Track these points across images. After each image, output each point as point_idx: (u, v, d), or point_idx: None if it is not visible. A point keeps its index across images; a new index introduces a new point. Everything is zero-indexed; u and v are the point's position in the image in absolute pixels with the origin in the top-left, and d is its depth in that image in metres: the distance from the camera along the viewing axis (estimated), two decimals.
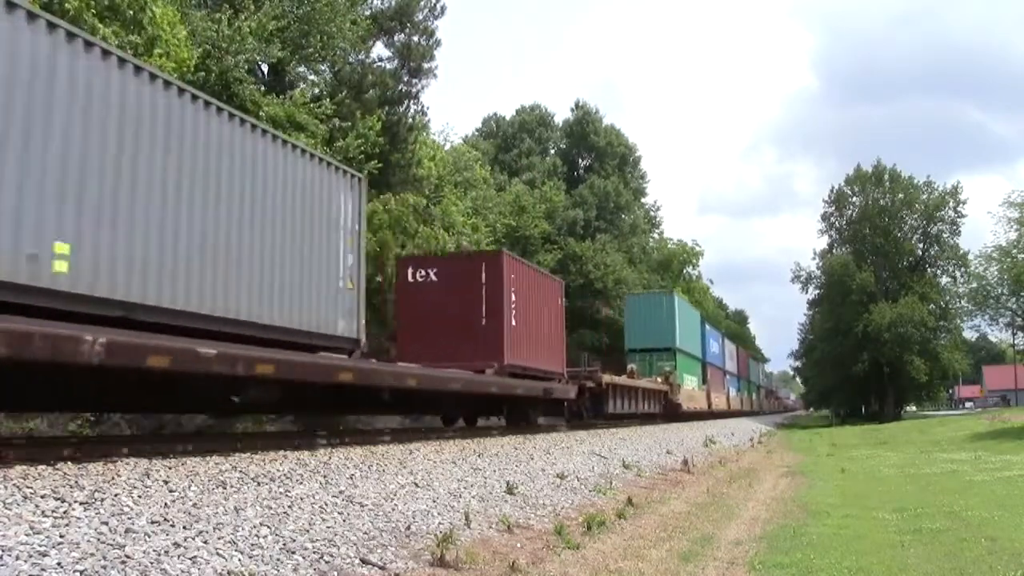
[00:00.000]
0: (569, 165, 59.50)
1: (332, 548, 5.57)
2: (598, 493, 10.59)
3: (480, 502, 8.29)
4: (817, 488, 14.02)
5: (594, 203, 53.22)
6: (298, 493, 6.75)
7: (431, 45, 32.74)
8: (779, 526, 9.36)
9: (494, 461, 11.16)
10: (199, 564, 4.59)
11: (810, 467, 19.20)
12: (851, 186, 61.71)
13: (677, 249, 67.38)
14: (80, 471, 6.09)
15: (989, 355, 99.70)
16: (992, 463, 17.78)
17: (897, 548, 7.84)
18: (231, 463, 7.49)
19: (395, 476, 8.55)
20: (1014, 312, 43.53)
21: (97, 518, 4.86)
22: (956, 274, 57.41)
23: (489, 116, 59.92)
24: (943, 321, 57.25)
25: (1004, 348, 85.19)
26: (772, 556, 7.41)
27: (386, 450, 10.39)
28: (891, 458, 20.90)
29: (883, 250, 58.74)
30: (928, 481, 14.74)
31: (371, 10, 29.36)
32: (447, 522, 7.01)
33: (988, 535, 8.35)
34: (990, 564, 6.92)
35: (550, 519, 8.30)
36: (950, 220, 58.23)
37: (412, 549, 6.08)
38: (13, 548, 4.09)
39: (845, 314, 56.91)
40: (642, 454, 16.71)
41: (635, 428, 24.29)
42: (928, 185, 59.01)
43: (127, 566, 4.27)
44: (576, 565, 6.62)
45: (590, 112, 60.97)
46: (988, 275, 41.92)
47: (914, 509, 10.60)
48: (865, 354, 56.19)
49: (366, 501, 7.08)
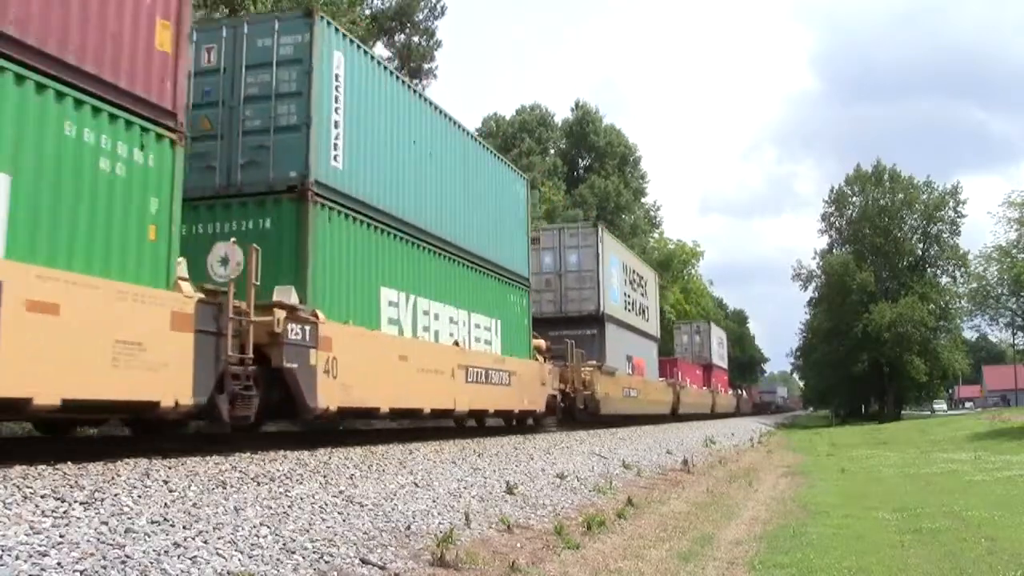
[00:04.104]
0: (569, 165, 59.57)
1: (332, 548, 5.57)
2: (598, 493, 10.59)
3: (480, 502, 8.29)
4: (817, 488, 14.02)
5: (594, 203, 53.28)
6: (298, 493, 6.75)
7: (431, 45, 32.83)
8: (779, 526, 9.36)
9: (494, 461, 11.16)
10: (199, 564, 4.59)
11: (810, 467, 19.21)
12: (851, 186, 61.74)
13: (677, 249, 67.43)
14: (80, 471, 6.09)
15: (989, 355, 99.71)
16: (992, 463, 17.78)
17: (897, 548, 7.84)
18: (231, 463, 7.50)
19: (395, 476, 8.55)
20: (1014, 312, 43.52)
21: (97, 518, 4.86)
22: (956, 274, 57.51)
23: (489, 116, 60.01)
24: (943, 321, 57.28)
25: (1004, 348, 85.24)
26: (772, 556, 7.41)
27: (386, 450, 10.39)
28: (891, 458, 20.91)
29: (883, 250, 58.73)
30: (928, 481, 14.75)
31: (371, 10, 29.39)
32: (447, 522, 7.01)
33: (988, 535, 8.35)
34: (990, 564, 6.92)
35: (550, 519, 8.30)
36: (950, 220, 58.31)
37: (412, 549, 6.08)
38: (13, 548, 4.09)
39: (845, 314, 56.92)
40: (642, 454, 16.71)
41: (635, 428, 24.35)
42: (928, 185, 59.11)
43: (127, 566, 4.27)
44: (576, 565, 6.62)
45: (590, 112, 61.07)
46: (988, 275, 41.94)
47: (914, 509, 10.60)
48: (865, 354, 56.23)
49: (366, 501, 7.08)
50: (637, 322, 29.32)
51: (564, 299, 24.04)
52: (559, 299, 24.05)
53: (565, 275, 24.24)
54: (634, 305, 29.02)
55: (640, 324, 29.86)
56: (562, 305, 24.03)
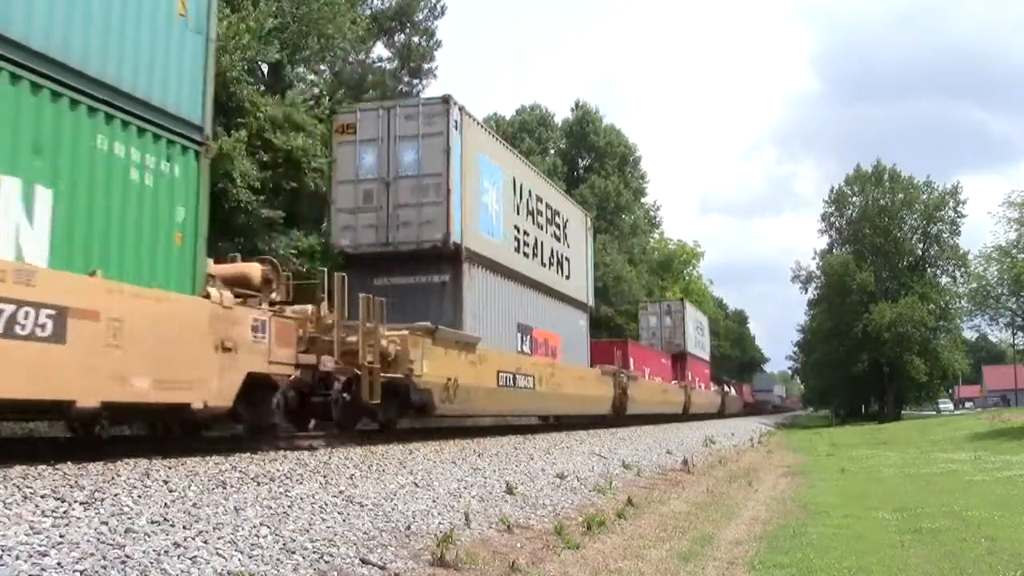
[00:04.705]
0: (569, 165, 59.51)
1: (332, 548, 5.57)
2: (598, 493, 10.59)
3: (480, 502, 8.29)
4: (817, 488, 14.02)
5: (594, 203, 53.21)
6: (298, 493, 6.75)
7: (431, 45, 32.80)
8: (779, 526, 9.36)
9: (494, 461, 11.17)
10: (199, 564, 4.59)
11: (810, 467, 19.21)
12: (851, 186, 61.70)
13: (677, 249, 67.44)
14: (80, 471, 6.10)
15: (989, 355, 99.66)
16: (992, 463, 17.78)
17: (897, 548, 7.84)
18: (231, 463, 7.50)
19: (395, 476, 8.55)
20: (1014, 312, 43.50)
21: (97, 518, 4.86)
22: (956, 274, 57.49)
23: (489, 116, 59.89)
24: (943, 321, 57.27)
25: (1004, 348, 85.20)
26: (772, 556, 7.41)
27: (386, 450, 10.39)
28: (891, 458, 20.91)
29: (883, 250, 58.71)
30: (928, 481, 14.74)
31: (371, 10, 29.39)
32: (447, 522, 7.01)
33: (988, 535, 8.35)
34: (990, 564, 6.92)
35: (550, 519, 8.29)
36: (950, 220, 58.28)
37: (412, 549, 6.08)
38: (13, 548, 4.09)
39: (845, 314, 56.89)
40: (642, 454, 16.71)
41: (635, 428, 24.30)
42: (928, 185, 59.08)
43: (127, 566, 4.27)
44: (576, 565, 6.62)
45: (590, 112, 61.01)
46: (988, 275, 41.91)
47: (914, 509, 10.60)
48: (865, 354, 56.20)
49: (366, 501, 7.08)
50: (543, 275, 19.37)
51: (393, 223, 14.55)
52: (386, 222, 14.58)
53: (397, 183, 14.64)
54: (537, 249, 19.03)
55: (550, 280, 19.91)
56: (389, 233, 14.54)
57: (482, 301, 15.73)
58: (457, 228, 14.47)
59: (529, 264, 18.49)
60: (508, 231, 17.26)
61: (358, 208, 14.72)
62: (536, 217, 19.26)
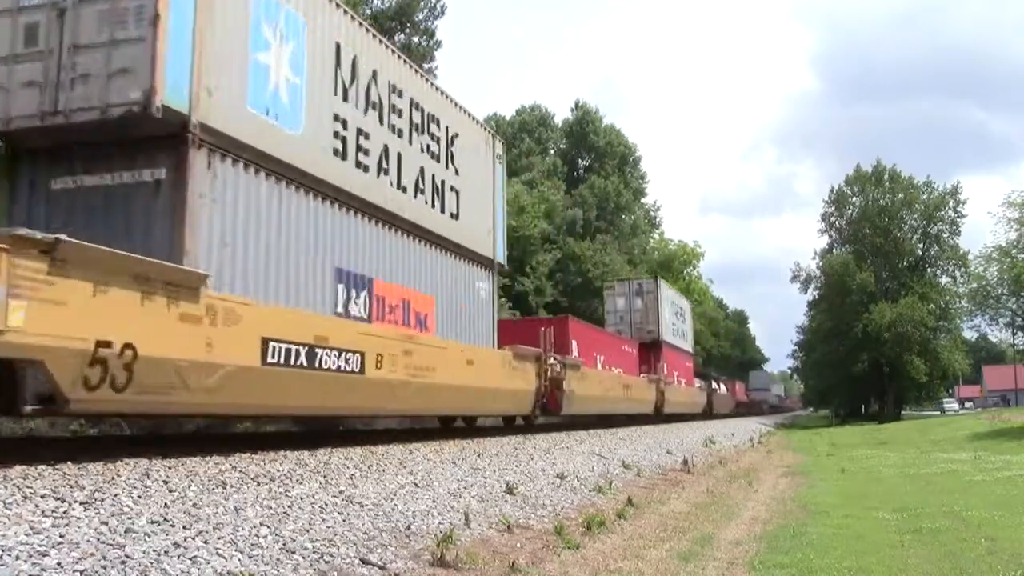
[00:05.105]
0: (569, 165, 59.61)
1: (332, 548, 5.57)
2: (598, 493, 10.59)
3: (480, 502, 8.29)
4: (817, 488, 14.02)
5: (594, 203, 53.28)
6: (298, 493, 6.75)
7: (431, 45, 32.83)
8: (779, 526, 9.36)
9: (494, 461, 11.17)
10: (199, 564, 4.59)
11: (810, 467, 19.21)
12: (851, 186, 61.75)
13: (677, 249, 67.46)
14: (80, 471, 6.09)
15: (989, 355, 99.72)
16: (992, 463, 17.79)
17: (897, 548, 7.85)
18: (231, 463, 7.50)
19: (395, 476, 8.56)
20: (1014, 312, 43.54)
21: (97, 518, 4.86)
22: (956, 274, 57.54)
23: (489, 116, 59.96)
24: (943, 321, 57.29)
25: (1004, 348, 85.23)
26: (772, 556, 7.41)
27: (386, 450, 10.39)
28: (891, 458, 20.91)
29: (883, 250, 58.74)
30: (928, 481, 14.75)
31: (371, 10, 29.40)
32: (447, 522, 7.01)
33: (988, 535, 8.35)
34: (990, 564, 6.92)
35: (550, 519, 8.30)
36: (950, 220, 58.32)
37: (412, 549, 6.08)
38: (13, 548, 4.09)
39: (845, 314, 56.91)
40: (642, 454, 16.71)
41: (635, 428, 24.29)
42: (928, 185, 59.12)
43: (127, 566, 4.27)
44: (576, 565, 6.62)
45: (590, 112, 61.09)
46: (988, 275, 41.95)
47: (914, 509, 10.60)
48: (865, 354, 56.24)
49: (366, 501, 7.08)
50: (400, 202, 12.43)
51: (66, 77, 8.11)
52: (56, 77, 8.09)
53: (77, 11, 7.98)
54: (387, 162, 12.23)
55: (416, 213, 12.92)
56: (59, 94, 8.09)
57: (245, 221, 9.12)
58: (180, 85, 8.13)
59: (368, 180, 11.64)
60: (321, 122, 10.63)
61: (14, 56, 8.38)
62: (388, 115, 12.34)
